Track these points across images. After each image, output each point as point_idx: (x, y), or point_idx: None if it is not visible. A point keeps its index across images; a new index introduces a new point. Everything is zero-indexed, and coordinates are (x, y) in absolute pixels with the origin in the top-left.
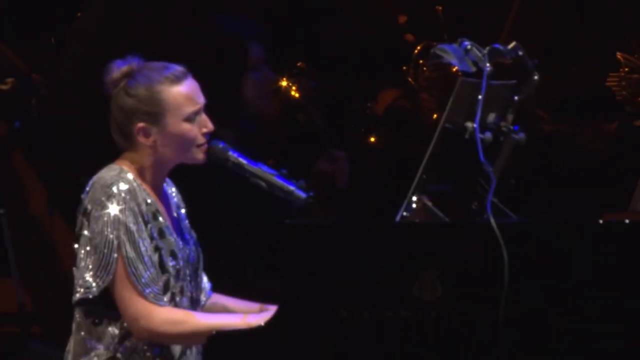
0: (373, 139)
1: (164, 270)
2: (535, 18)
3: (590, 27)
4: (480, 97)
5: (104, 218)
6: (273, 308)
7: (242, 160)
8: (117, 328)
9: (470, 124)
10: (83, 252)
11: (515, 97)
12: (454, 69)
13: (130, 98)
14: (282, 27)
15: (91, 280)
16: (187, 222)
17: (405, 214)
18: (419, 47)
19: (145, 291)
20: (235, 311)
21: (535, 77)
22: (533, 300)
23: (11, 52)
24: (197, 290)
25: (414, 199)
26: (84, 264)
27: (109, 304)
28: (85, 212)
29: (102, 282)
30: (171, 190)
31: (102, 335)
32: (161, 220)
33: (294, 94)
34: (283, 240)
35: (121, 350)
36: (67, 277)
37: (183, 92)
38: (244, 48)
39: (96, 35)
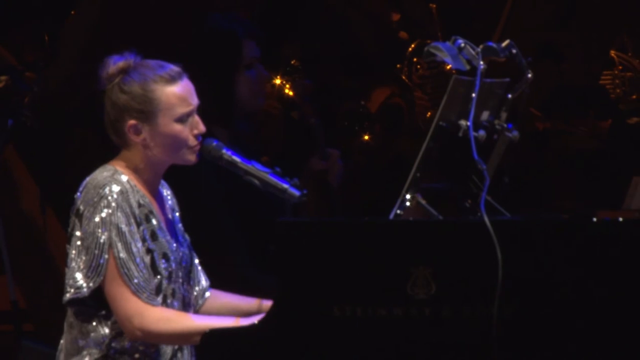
0: (367, 137)
1: (156, 273)
2: (528, 16)
3: (581, 24)
4: (473, 95)
5: (95, 219)
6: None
7: (236, 158)
8: (108, 328)
9: (464, 122)
10: (74, 253)
11: (508, 95)
12: (448, 67)
13: (124, 94)
14: (275, 25)
15: (82, 281)
16: (180, 226)
17: (399, 212)
18: (412, 45)
19: (138, 291)
20: (234, 306)
21: (529, 75)
22: (527, 298)
23: (4, 50)
24: (189, 292)
25: (408, 197)
26: (75, 265)
27: (99, 304)
28: (77, 213)
29: (93, 283)
30: (166, 193)
31: (93, 334)
32: (154, 222)
33: (287, 91)
34: (276, 238)
35: (112, 350)
36: (60, 274)
37: (177, 92)
38: (238, 46)
39: (90, 33)
